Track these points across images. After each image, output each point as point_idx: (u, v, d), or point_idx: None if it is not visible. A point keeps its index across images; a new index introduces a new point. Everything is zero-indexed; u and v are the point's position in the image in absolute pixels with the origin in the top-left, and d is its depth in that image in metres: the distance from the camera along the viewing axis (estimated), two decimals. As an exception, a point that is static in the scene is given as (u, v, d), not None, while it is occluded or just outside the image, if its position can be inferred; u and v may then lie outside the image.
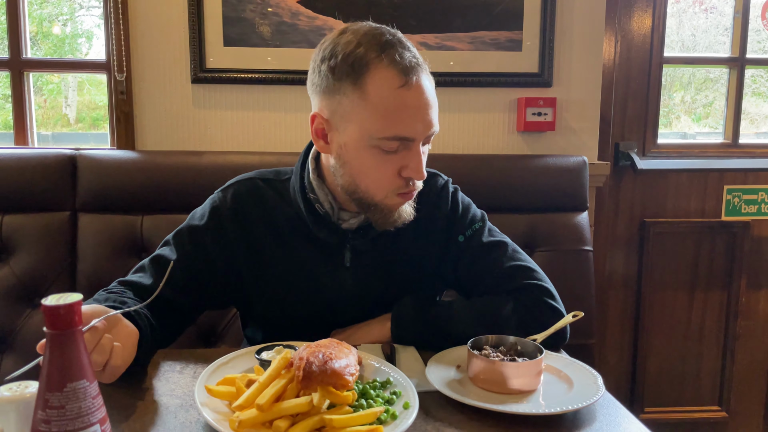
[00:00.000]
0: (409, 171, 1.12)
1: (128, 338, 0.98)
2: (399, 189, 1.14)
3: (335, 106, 1.12)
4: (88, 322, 0.87)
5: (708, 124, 2.57)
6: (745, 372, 2.49)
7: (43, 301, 0.66)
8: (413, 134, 1.10)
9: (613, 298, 2.41)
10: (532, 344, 1.08)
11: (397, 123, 1.08)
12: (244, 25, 2.01)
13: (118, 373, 0.95)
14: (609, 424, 0.95)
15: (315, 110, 1.17)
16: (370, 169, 1.13)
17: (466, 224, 1.32)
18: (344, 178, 1.16)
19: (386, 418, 0.89)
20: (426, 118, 1.11)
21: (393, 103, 1.08)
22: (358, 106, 1.09)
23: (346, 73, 1.09)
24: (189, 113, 2.06)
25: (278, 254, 1.25)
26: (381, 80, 1.08)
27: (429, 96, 1.12)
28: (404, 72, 1.08)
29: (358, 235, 1.24)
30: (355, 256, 1.25)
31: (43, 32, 2.24)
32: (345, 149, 1.13)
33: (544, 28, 2.11)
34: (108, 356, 0.91)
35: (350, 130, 1.11)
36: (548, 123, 2.13)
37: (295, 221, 1.24)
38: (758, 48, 2.45)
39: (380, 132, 1.08)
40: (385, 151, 1.10)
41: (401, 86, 1.08)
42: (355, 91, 1.08)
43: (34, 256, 1.79)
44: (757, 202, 2.39)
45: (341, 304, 1.27)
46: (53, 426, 0.66)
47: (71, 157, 1.85)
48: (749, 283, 2.44)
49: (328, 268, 1.25)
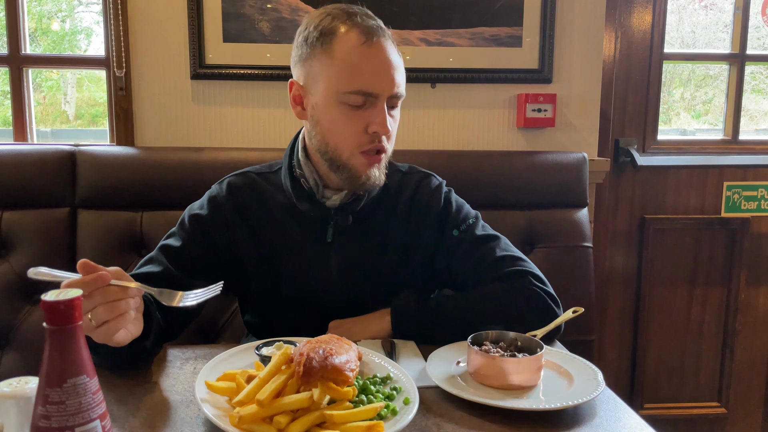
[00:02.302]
0: (374, 126, 1.19)
1: (138, 311, 1.00)
2: (363, 146, 1.21)
3: (308, 70, 1.22)
4: (119, 277, 0.93)
5: (707, 120, 2.57)
6: (744, 368, 2.49)
7: (43, 296, 0.66)
8: (376, 89, 1.18)
9: (612, 295, 2.41)
10: (532, 340, 1.08)
11: (360, 77, 1.17)
12: (243, 21, 2.01)
13: (110, 336, 0.93)
14: (609, 419, 0.95)
15: (293, 79, 1.27)
16: (337, 124, 1.20)
17: (460, 220, 1.37)
18: (316, 138, 1.24)
19: (386, 414, 0.89)
20: (388, 75, 1.19)
21: (356, 59, 1.17)
22: (325, 66, 1.19)
23: (317, 39, 1.19)
24: (188, 109, 2.05)
25: (272, 235, 1.31)
26: (345, 40, 1.18)
27: (392, 57, 1.20)
28: (366, 32, 1.18)
29: (340, 212, 1.29)
30: (338, 232, 1.30)
31: (42, 28, 2.23)
32: (316, 109, 1.22)
33: (544, 24, 2.10)
34: (114, 317, 0.92)
35: (320, 89, 1.20)
36: (548, 119, 2.12)
37: (286, 205, 1.31)
38: (758, 45, 2.44)
39: (345, 86, 1.17)
40: (351, 106, 1.18)
41: (363, 43, 1.17)
42: (323, 53, 1.19)
43: (34, 252, 1.79)
44: (757, 198, 2.39)
45: (327, 283, 1.31)
46: (53, 422, 0.66)
47: (71, 153, 1.85)
48: (749, 279, 2.44)
49: (314, 246, 1.31)
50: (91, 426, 0.68)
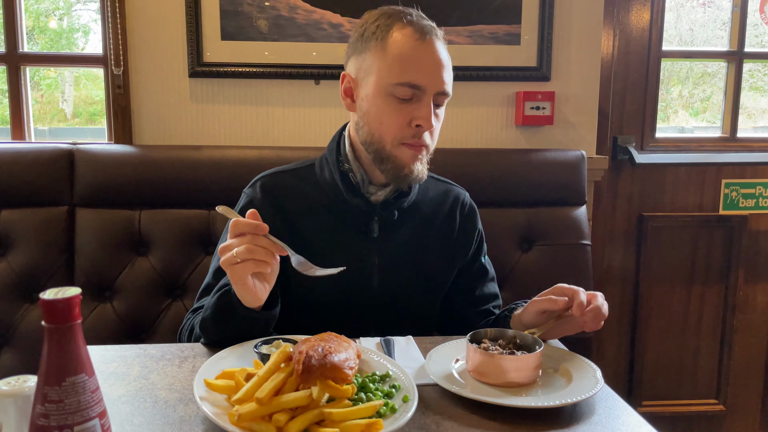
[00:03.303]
0: (418, 120, 1.22)
1: (273, 275, 1.10)
2: (406, 138, 1.24)
3: (360, 64, 1.27)
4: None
5: (705, 118, 2.57)
6: (742, 366, 2.49)
7: (42, 295, 0.65)
8: (424, 83, 1.21)
9: (610, 292, 2.41)
10: (531, 337, 1.08)
11: (410, 71, 1.21)
12: (241, 19, 2.00)
13: (245, 274, 1.03)
14: (608, 417, 0.95)
15: (345, 72, 1.31)
16: (384, 116, 1.24)
17: (485, 247, 1.49)
18: (363, 129, 1.28)
19: (385, 412, 0.89)
20: (437, 72, 1.23)
21: (407, 53, 1.21)
22: (378, 59, 1.23)
23: (372, 33, 1.24)
24: (186, 107, 2.05)
25: (311, 231, 1.32)
26: (400, 36, 1.22)
27: (442, 56, 1.24)
28: (420, 31, 1.22)
29: (384, 208, 1.32)
30: (382, 228, 1.32)
31: (40, 27, 2.23)
32: (365, 100, 1.26)
33: (542, 22, 2.10)
34: (254, 260, 1.01)
35: (371, 81, 1.24)
36: (546, 117, 2.12)
37: (325, 200, 1.33)
38: (756, 42, 2.44)
39: (395, 78, 1.21)
40: (399, 99, 1.22)
41: (416, 40, 1.22)
42: (377, 46, 1.23)
43: (32, 251, 1.79)
44: (755, 196, 2.40)
45: (368, 279, 1.33)
46: (52, 420, 0.66)
47: (69, 151, 1.85)
48: (747, 276, 2.44)
49: (357, 240, 1.33)
50: (90, 424, 0.68)
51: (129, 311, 1.80)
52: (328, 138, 1.34)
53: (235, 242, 1.02)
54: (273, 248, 1.04)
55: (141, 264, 1.83)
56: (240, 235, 1.02)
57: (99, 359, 1.10)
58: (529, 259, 1.96)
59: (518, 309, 1.27)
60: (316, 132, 2.09)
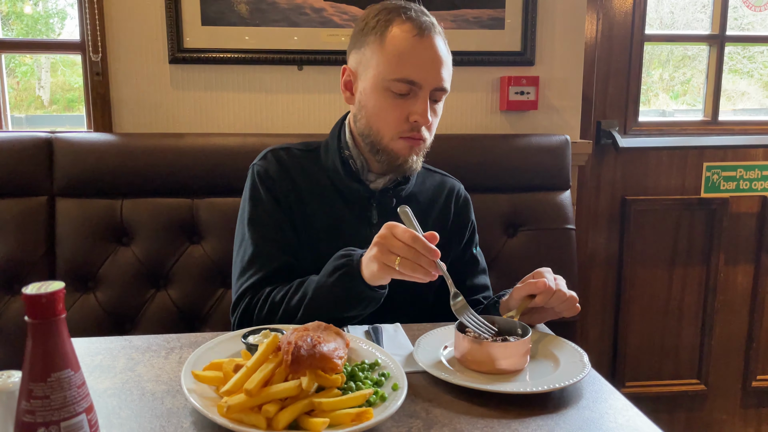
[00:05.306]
0: (415, 116, 1.25)
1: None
2: (403, 132, 1.27)
3: (360, 58, 1.30)
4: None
5: (685, 101, 2.59)
6: (722, 346, 2.53)
7: (24, 290, 0.64)
8: (420, 79, 1.23)
9: (594, 275, 2.43)
10: (519, 323, 1.09)
11: (407, 66, 1.23)
12: (221, 4, 1.97)
13: (389, 275, 1.09)
14: (595, 400, 0.97)
15: (346, 65, 1.35)
16: (381, 110, 1.27)
17: (476, 238, 1.53)
18: (361, 122, 1.31)
19: (375, 400, 0.89)
20: (434, 69, 1.25)
21: (405, 49, 1.24)
22: (377, 53, 1.26)
23: (372, 28, 1.27)
24: (167, 94, 2.02)
25: (318, 208, 1.36)
26: (398, 31, 1.25)
27: (440, 53, 1.26)
28: (419, 26, 1.24)
29: (383, 194, 1.36)
30: (381, 215, 1.36)
31: (15, 12, 2.17)
32: (363, 94, 1.30)
33: (526, 6, 2.09)
34: (410, 275, 1.06)
35: (369, 75, 1.27)
36: (531, 102, 2.12)
37: (330, 183, 1.37)
38: (735, 25, 2.46)
39: (392, 74, 1.23)
40: (396, 94, 1.24)
41: (414, 35, 1.24)
42: (376, 41, 1.26)
43: (12, 242, 1.76)
44: (736, 178, 2.42)
45: None
46: (38, 417, 0.65)
47: (47, 140, 1.81)
48: (727, 258, 2.48)
49: (358, 224, 1.36)
50: (77, 420, 0.67)
51: (113, 302, 1.78)
52: (312, 124, 1.34)
53: (406, 252, 1.04)
54: (436, 271, 1.05)
55: (124, 254, 1.80)
56: (412, 250, 1.03)
57: (83, 352, 1.08)
58: (514, 244, 1.97)
59: (506, 296, 1.28)
60: (300, 118, 2.07)
